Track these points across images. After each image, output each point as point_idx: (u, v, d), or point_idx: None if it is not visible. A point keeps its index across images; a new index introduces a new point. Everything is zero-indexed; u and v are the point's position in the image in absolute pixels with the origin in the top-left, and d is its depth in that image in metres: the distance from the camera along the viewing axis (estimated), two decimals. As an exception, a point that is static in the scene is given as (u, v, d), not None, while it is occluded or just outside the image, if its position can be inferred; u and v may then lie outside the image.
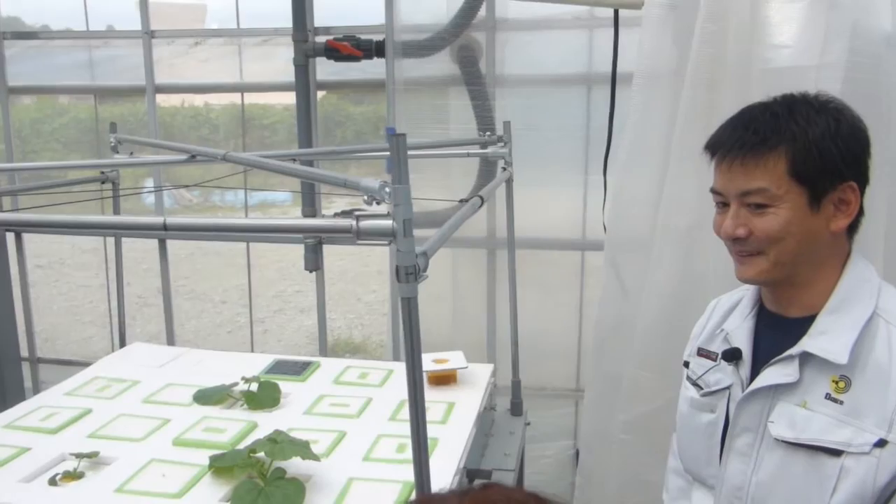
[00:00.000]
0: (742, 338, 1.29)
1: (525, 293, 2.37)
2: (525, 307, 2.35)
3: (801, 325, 1.21)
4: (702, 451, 1.34)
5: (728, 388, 1.30)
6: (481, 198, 1.57)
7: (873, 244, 1.82)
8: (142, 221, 1.11)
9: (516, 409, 2.28)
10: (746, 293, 1.35)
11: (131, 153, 2.19)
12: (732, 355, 1.29)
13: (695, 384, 1.37)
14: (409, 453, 1.64)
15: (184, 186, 3.53)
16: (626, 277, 2.33)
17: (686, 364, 1.43)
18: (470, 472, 1.77)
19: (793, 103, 1.20)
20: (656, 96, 2.11)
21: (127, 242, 2.55)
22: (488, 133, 2.31)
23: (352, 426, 1.81)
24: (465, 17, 2.62)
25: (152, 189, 3.17)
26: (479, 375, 2.11)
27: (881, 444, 1.11)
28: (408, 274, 0.98)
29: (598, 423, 2.44)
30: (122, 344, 2.46)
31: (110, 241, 3.23)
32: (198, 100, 3.70)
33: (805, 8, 1.81)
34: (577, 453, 2.71)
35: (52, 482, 1.54)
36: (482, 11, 2.64)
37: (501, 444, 2.06)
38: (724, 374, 1.31)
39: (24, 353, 3.35)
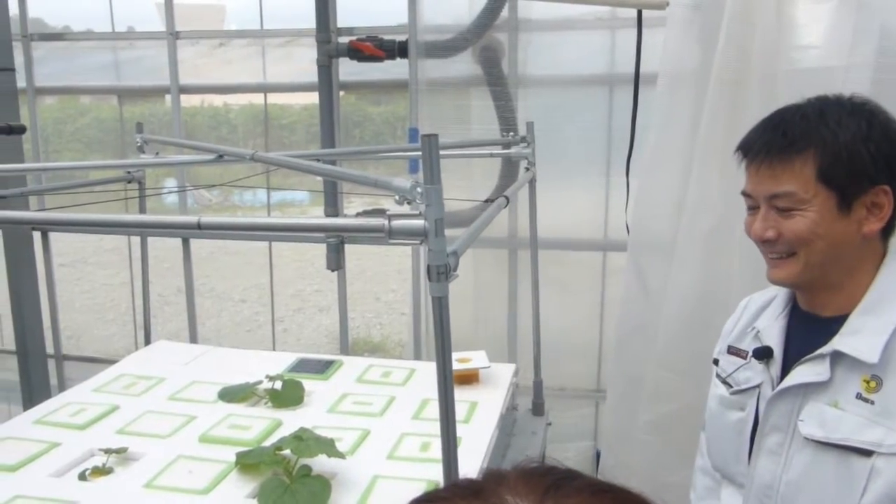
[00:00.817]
0: (774, 336, 1.29)
1: (546, 293, 2.37)
2: (546, 307, 2.35)
3: (834, 325, 1.20)
4: (731, 449, 1.34)
5: (758, 386, 1.29)
6: (507, 198, 1.57)
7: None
8: (177, 221, 1.12)
9: (538, 409, 2.27)
10: (779, 292, 1.35)
11: (157, 153, 2.21)
12: (763, 353, 1.28)
13: (724, 382, 1.37)
14: (432, 452, 1.67)
15: (209, 186, 3.57)
16: (648, 278, 2.33)
17: (716, 362, 1.42)
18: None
19: (825, 105, 1.19)
20: (680, 97, 2.11)
21: (148, 241, 2.57)
22: (511, 134, 2.31)
23: (375, 424, 1.82)
24: (488, 17, 2.63)
25: (178, 189, 3.20)
26: (502, 375, 2.11)
27: None
28: (439, 273, 0.98)
29: (619, 423, 2.43)
30: (147, 342, 2.49)
31: (133, 240, 3.27)
32: (217, 100, 3.73)
33: (833, 9, 1.81)
34: (598, 454, 2.71)
35: (82, 477, 1.56)
36: (505, 12, 2.64)
37: (523, 444, 2.06)
38: (753, 373, 1.31)
39: (50, 350, 3.40)
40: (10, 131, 2.49)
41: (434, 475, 1.53)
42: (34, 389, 3.17)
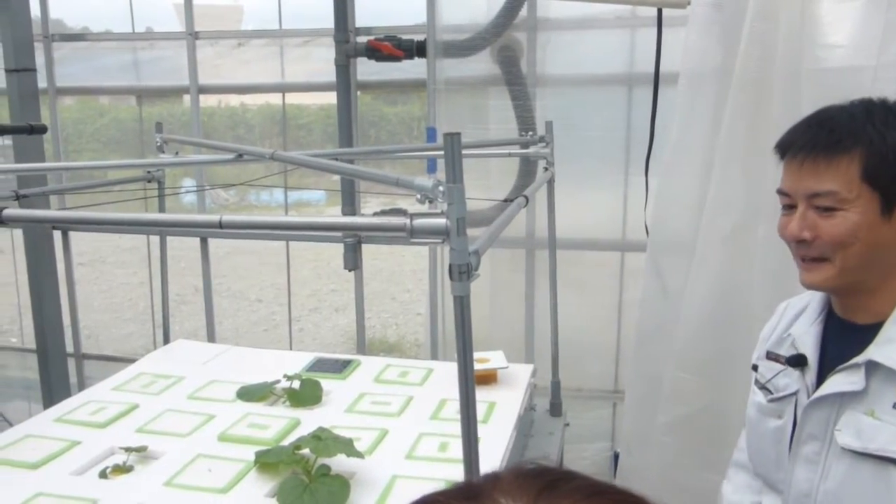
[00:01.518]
0: (808, 343, 1.27)
1: (564, 294, 2.36)
2: (563, 308, 2.34)
3: (869, 333, 1.18)
4: (771, 456, 1.32)
5: (795, 393, 1.28)
6: (526, 197, 1.56)
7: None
8: (199, 220, 1.13)
9: (555, 409, 2.26)
10: (813, 298, 1.33)
11: (176, 153, 2.22)
12: (798, 361, 1.26)
13: (763, 388, 1.35)
14: (451, 452, 1.66)
15: (228, 185, 3.58)
16: (667, 279, 2.31)
17: (755, 367, 1.40)
18: (510, 473, 1.76)
19: (871, 107, 1.18)
20: (701, 97, 2.09)
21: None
22: (530, 133, 2.30)
23: (393, 424, 1.82)
24: (507, 16, 2.62)
25: (198, 188, 3.21)
26: (520, 376, 2.10)
27: None
28: (461, 273, 0.98)
29: (638, 424, 2.42)
30: (166, 341, 2.50)
31: (152, 239, 3.29)
32: (234, 100, 3.75)
33: (861, 7, 1.78)
34: (616, 455, 2.69)
35: (103, 475, 1.57)
36: (523, 11, 2.64)
37: (541, 444, 2.06)
38: (790, 380, 1.29)
39: (69, 348, 3.43)
40: (31, 131, 2.51)
41: (453, 475, 1.52)
42: (54, 388, 3.20)
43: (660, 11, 2.27)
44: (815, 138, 1.16)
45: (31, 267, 3.17)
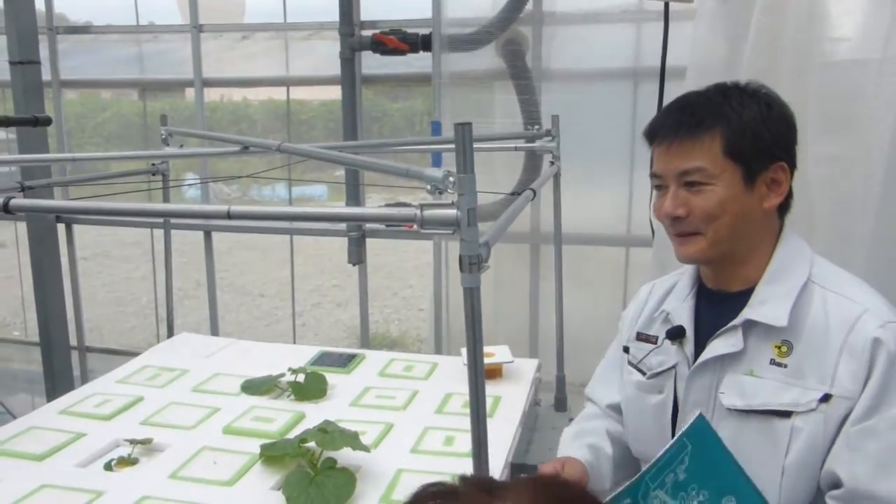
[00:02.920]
0: (684, 317, 1.34)
1: (568, 289, 2.36)
2: (568, 303, 2.34)
3: (741, 299, 1.26)
4: (653, 432, 1.38)
5: (674, 367, 1.34)
6: (533, 191, 1.56)
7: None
8: (206, 210, 1.12)
9: (560, 404, 2.26)
10: (682, 276, 1.42)
11: (181, 145, 2.22)
12: (677, 333, 1.33)
13: (637, 368, 1.42)
14: (457, 446, 1.66)
15: (233, 178, 3.58)
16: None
17: (626, 349, 1.47)
18: (515, 468, 1.76)
19: (725, 90, 1.27)
20: (708, 91, 2.08)
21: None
22: (536, 127, 2.29)
23: (398, 418, 1.81)
24: (512, 10, 2.61)
25: (202, 180, 3.21)
26: (525, 370, 2.10)
27: (825, 398, 1.16)
28: (471, 264, 0.97)
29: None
30: (171, 334, 2.50)
31: (155, 234, 3.29)
32: (237, 95, 3.74)
33: (867, 1, 1.77)
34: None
35: (108, 467, 1.57)
36: (529, 5, 2.63)
37: (546, 439, 2.05)
38: (666, 356, 1.36)
39: (73, 341, 3.43)
40: (36, 123, 2.50)
41: (458, 469, 1.52)
42: (58, 380, 3.20)
43: (666, 5, 2.26)
44: (679, 121, 1.25)
45: (34, 260, 3.17)
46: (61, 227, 3.32)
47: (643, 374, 1.40)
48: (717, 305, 1.31)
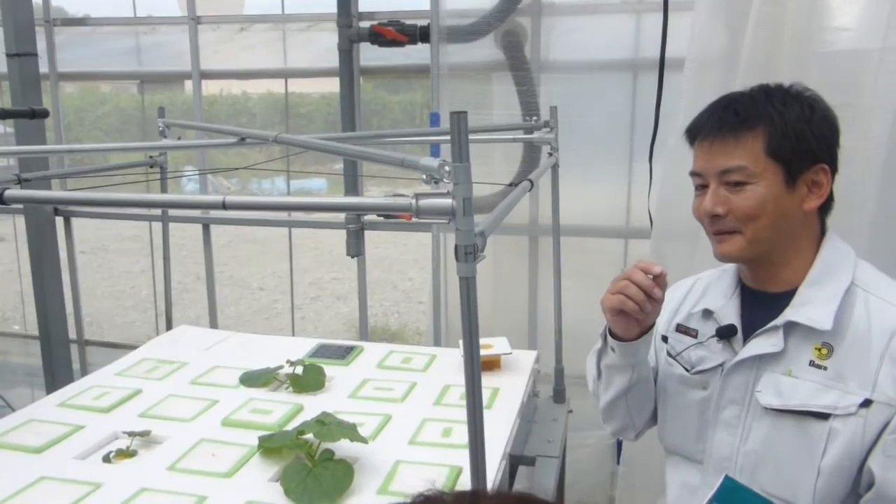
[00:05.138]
0: (732, 315, 1.34)
1: (567, 281, 2.35)
2: (566, 295, 2.33)
3: (783, 299, 1.27)
4: (692, 427, 1.38)
5: (721, 365, 1.33)
6: (531, 181, 1.55)
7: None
8: (202, 200, 1.11)
9: (559, 396, 2.25)
10: (725, 273, 1.41)
11: (179, 138, 2.21)
12: (728, 332, 1.32)
13: (677, 361, 1.41)
14: (454, 438, 1.66)
15: (231, 169, 3.57)
16: (671, 266, 2.30)
17: (664, 339, 1.46)
18: (513, 459, 1.76)
19: (769, 90, 1.28)
20: (708, 82, 2.08)
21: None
22: (534, 118, 2.28)
23: (397, 410, 1.81)
24: (511, 1, 2.60)
25: (199, 172, 3.20)
26: (523, 362, 2.10)
27: (866, 403, 1.17)
28: (467, 253, 0.97)
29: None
30: (169, 327, 2.49)
31: (154, 226, 3.29)
32: (236, 88, 3.74)
33: (868, -11, 1.76)
34: (619, 444, 2.69)
35: (107, 459, 1.57)
36: (528, -4, 2.62)
37: (545, 431, 2.05)
38: (709, 352, 1.36)
39: (72, 335, 3.43)
40: (33, 115, 2.50)
41: (456, 460, 1.53)
42: (57, 374, 3.20)
43: (666, -4, 2.25)
44: (722, 120, 1.26)
45: (33, 254, 3.17)
46: (60, 222, 3.32)
47: (686, 369, 1.39)
48: (759, 305, 1.31)
